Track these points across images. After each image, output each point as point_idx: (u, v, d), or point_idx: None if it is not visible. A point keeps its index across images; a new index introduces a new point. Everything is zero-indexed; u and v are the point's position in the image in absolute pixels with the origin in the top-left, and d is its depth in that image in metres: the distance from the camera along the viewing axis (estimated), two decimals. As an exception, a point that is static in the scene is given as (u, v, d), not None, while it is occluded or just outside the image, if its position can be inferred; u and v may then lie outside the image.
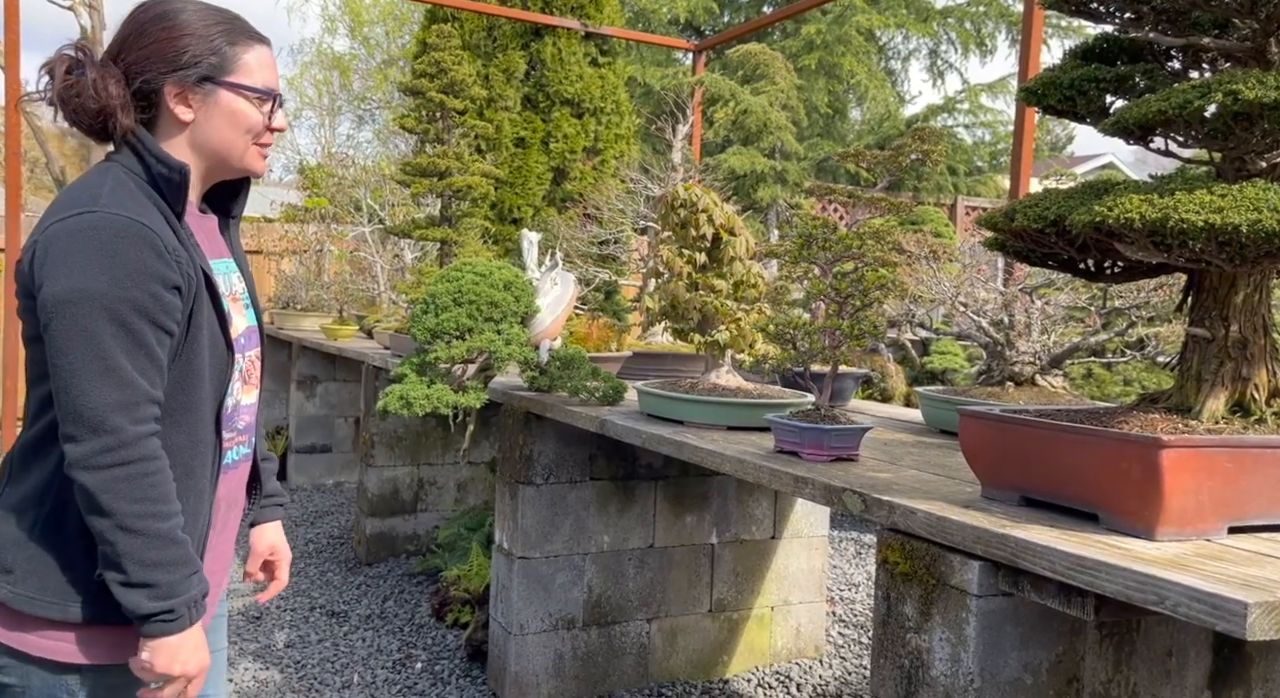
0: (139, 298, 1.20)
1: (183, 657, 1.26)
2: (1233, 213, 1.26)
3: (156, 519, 1.21)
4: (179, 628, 1.24)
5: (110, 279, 1.19)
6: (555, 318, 2.85)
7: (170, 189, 1.29)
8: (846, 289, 1.88)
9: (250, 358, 1.43)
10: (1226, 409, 1.52)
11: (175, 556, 1.23)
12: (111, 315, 1.19)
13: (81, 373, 1.18)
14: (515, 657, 2.92)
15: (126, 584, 1.21)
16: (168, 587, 1.22)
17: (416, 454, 4.63)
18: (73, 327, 1.18)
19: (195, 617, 1.26)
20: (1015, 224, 1.55)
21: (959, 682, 1.41)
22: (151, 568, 1.21)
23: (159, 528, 1.21)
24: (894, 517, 1.54)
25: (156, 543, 1.21)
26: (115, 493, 1.19)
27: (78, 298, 1.18)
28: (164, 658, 1.25)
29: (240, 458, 1.47)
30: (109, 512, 1.19)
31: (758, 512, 3.26)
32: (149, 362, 1.22)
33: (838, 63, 11.44)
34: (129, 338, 1.20)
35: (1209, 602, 1.08)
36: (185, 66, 1.30)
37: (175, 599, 1.23)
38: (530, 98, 9.13)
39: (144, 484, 1.20)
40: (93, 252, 1.19)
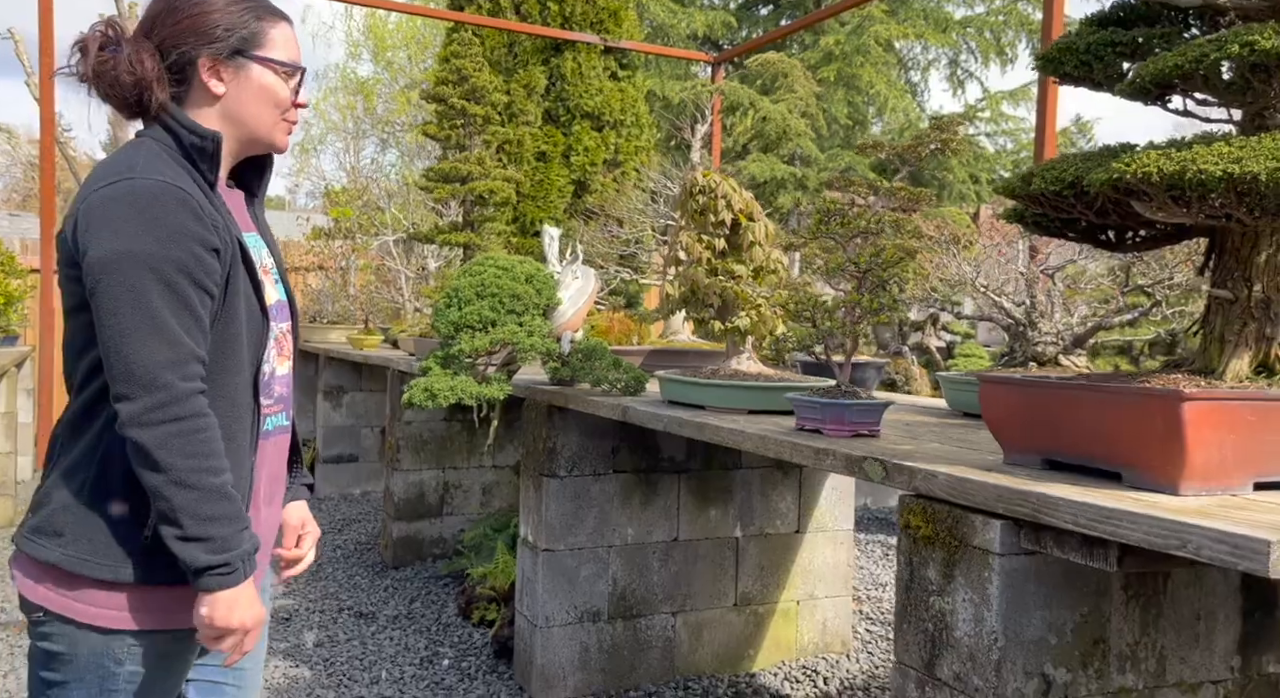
0: (182, 258, 1.23)
1: (240, 609, 1.28)
2: (1251, 162, 1.26)
3: (209, 474, 1.23)
4: (235, 581, 1.26)
5: (154, 240, 1.22)
6: (577, 310, 2.88)
7: (203, 158, 1.32)
8: (865, 263, 1.88)
9: (283, 329, 1.46)
10: (1251, 370, 1.51)
11: (228, 510, 1.25)
12: (157, 276, 1.22)
13: (131, 332, 1.21)
14: (541, 649, 2.93)
15: (183, 538, 1.23)
16: (222, 540, 1.24)
17: (442, 458, 4.66)
18: (120, 287, 1.21)
19: (249, 571, 1.28)
20: (1033, 188, 1.56)
21: (983, 642, 1.41)
22: (206, 522, 1.23)
23: (212, 483, 1.23)
24: (915, 481, 1.54)
25: (210, 497, 1.23)
26: (169, 449, 1.21)
27: (124, 259, 1.21)
28: (222, 611, 1.26)
29: (277, 428, 1.48)
30: (164, 467, 1.21)
31: (782, 506, 3.26)
32: (193, 322, 1.25)
33: (857, 74, 11.46)
34: (175, 298, 1.23)
35: (1231, 542, 1.08)
36: (218, 40, 1.34)
37: (230, 552, 1.25)
38: (551, 112, 9.24)
39: (196, 440, 1.22)
40: (134, 215, 1.22)
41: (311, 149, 21.28)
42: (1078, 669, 1.43)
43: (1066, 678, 1.43)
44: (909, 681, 1.55)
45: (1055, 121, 4.21)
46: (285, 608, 3.90)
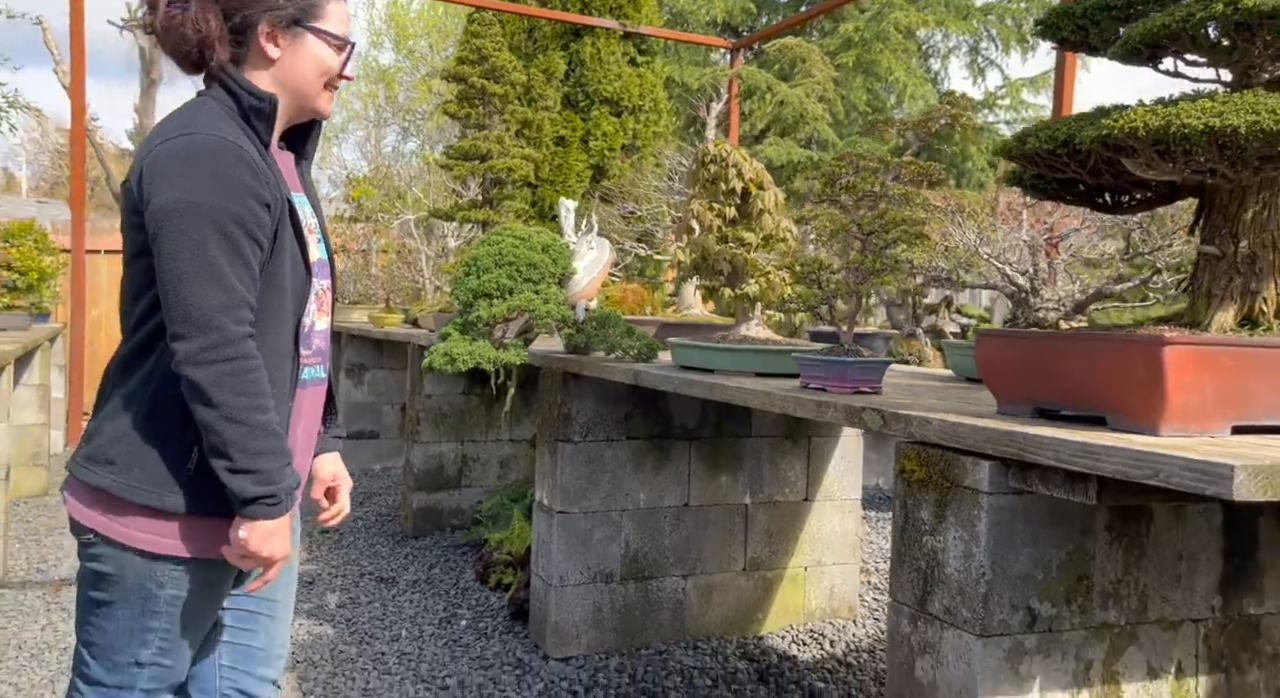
0: (239, 211, 1.32)
1: (273, 540, 1.37)
2: (1232, 116, 1.32)
3: (258, 412, 1.32)
4: (278, 512, 1.35)
5: (214, 193, 1.31)
6: (592, 279, 2.96)
7: (260, 118, 1.41)
8: (869, 225, 1.95)
9: (323, 286, 1.54)
10: (1235, 323, 1.57)
11: (275, 445, 1.34)
12: (216, 226, 1.31)
13: (190, 277, 1.30)
14: (556, 608, 3.03)
15: (233, 470, 1.32)
16: (269, 474, 1.33)
17: (460, 431, 4.77)
18: (181, 235, 1.30)
19: (289, 504, 1.38)
20: (1027, 147, 1.62)
21: (971, 576, 1.48)
22: (255, 456, 1.32)
23: (260, 420, 1.32)
24: (910, 427, 1.61)
25: (259, 433, 1.32)
26: (222, 387, 1.30)
27: (186, 209, 1.30)
28: (257, 538, 1.35)
29: (314, 379, 1.55)
30: (217, 404, 1.30)
31: (791, 474, 3.33)
32: (245, 271, 1.34)
33: (876, 60, 11.44)
34: (230, 247, 1.32)
35: (1199, 469, 1.15)
36: (279, 7, 1.42)
37: (276, 485, 1.34)
38: (570, 97, 9.31)
39: (246, 380, 1.31)
40: (196, 168, 1.32)
41: (333, 137, 21.46)
42: (1062, 604, 1.50)
43: (1051, 612, 1.50)
44: (902, 617, 1.63)
45: (1072, 107, 4.23)
46: (309, 573, 4.03)
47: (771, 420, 3.31)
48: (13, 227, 5.26)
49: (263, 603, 1.60)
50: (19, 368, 4.98)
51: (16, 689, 2.76)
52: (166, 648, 1.44)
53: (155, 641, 1.42)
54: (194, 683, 1.56)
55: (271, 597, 1.61)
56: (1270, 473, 1.12)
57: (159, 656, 1.44)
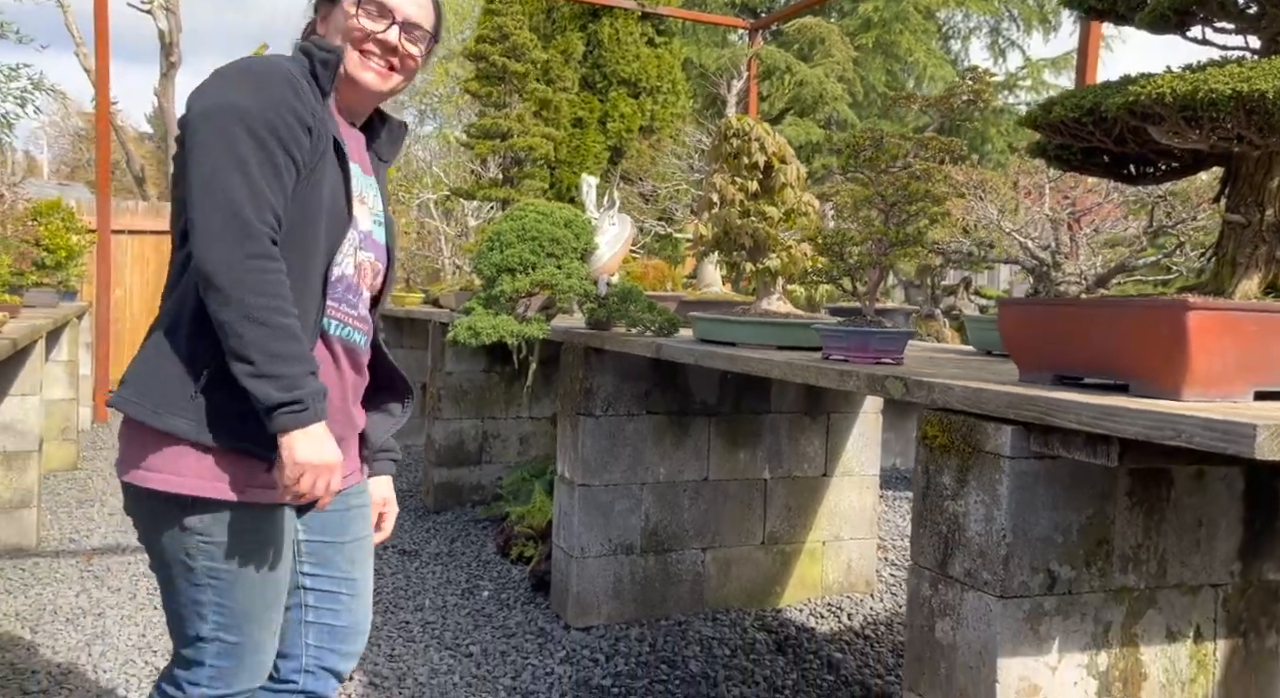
0: (275, 121, 1.32)
1: (319, 446, 1.31)
2: (1260, 81, 1.33)
3: (279, 314, 1.28)
4: (310, 418, 1.29)
5: (256, 101, 1.32)
6: (613, 254, 2.99)
7: (324, 68, 1.44)
8: (892, 197, 1.96)
9: (372, 262, 1.54)
10: (1260, 291, 1.58)
11: (297, 350, 1.29)
12: (249, 129, 1.30)
13: (220, 171, 1.28)
14: (577, 578, 3.07)
15: (256, 375, 1.27)
16: (292, 379, 1.28)
17: (481, 408, 4.82)
18: (215, 132, 1.30)
19: (321, 413, 1.32)
20: (1053, 116, 1.63)
21: (992, 539, 1.50)
22: (276, 360, 1.27)
23: (281, 321, 1.28)
24: (933, 395, 1.63)
25: (280, 335, 1.27)
26: (242, 283, 1.26)
27: (222, 110, 1.31)
28: (305, 449, 1.30)
29: (346, 340, 1.50)
30: (236, 301, 1.26)
31: (809, 450, 3.36)
32: (275, 179, 1.32)
33: (895, 41, 11.35)
34: (263, 153, 1.30)
35: (1220, 429, 1.16)
36: None
37: (301, 391, 1.28)
38: (588, 79, 9.30)
39: (268, 279, 1.28)
40: (242, 79, 1.34)
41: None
42: (1081, 567, 1.53)
43: (1071, 575, 1.52)
44: (923, 581, 1.65)
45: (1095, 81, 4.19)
46: (333, 545, 4.09)
47: (791, 397, 3.33)
48: (41, 205, 5.34)
49: (342, 582, 1.57)
50: (49, 344, 5.07)
51: (54, 652, 2.83)
52: (225, 623, 1.40)
53: (210, 615, 1.39)
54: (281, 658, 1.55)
55: (350, 575, 1.58)
56: (1292, 432, 1.13)
57: (219, 631, 1.40)
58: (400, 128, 1.62)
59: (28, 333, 3.41)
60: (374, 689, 2.64)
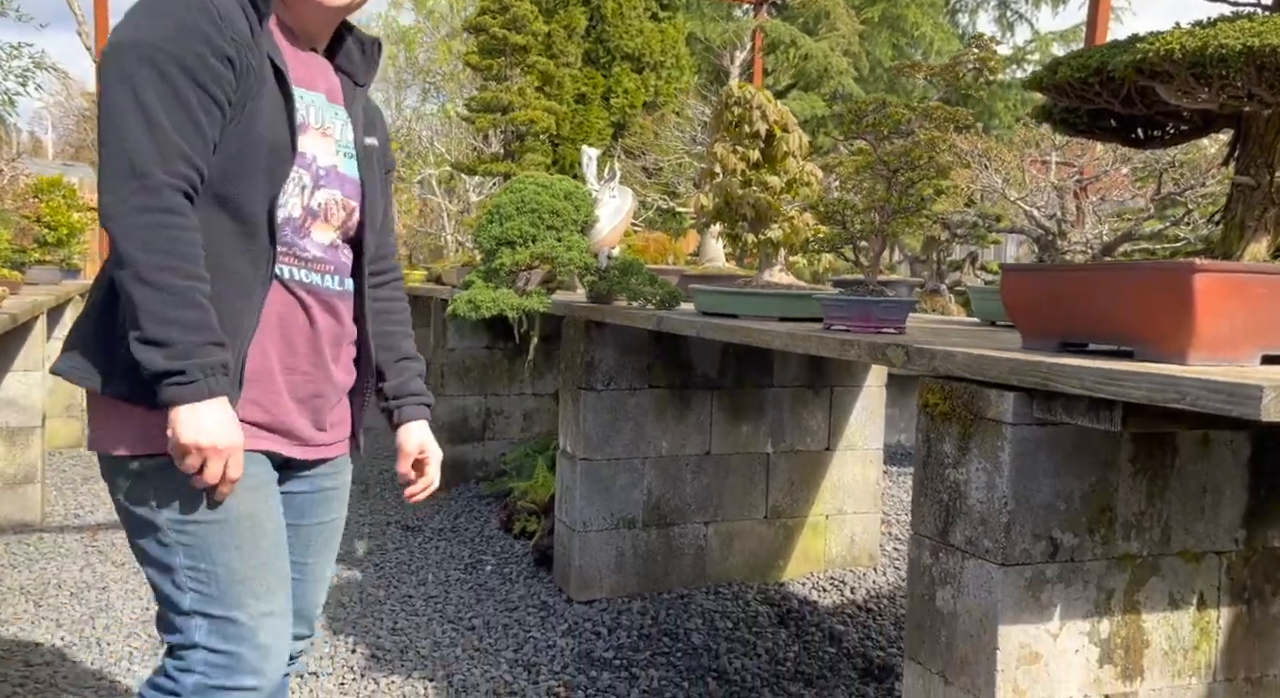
0: (182, 54, 1.19)
1: (208, 427, 1.17)
2: (1271, 35, 1.29)
3: (175, 275, 1.17)
4: (195, 394, 1.16)
5: (157, 34, 1.19)
6: (614, 227, 2.96)
7: None
8: (895, 163, 1.93)
9: (340, 200, 1.39)
10: (1269, 253, 1.55)
11: (193, 318, 1.17)
12: (153, 66, 1.18)
13: (118, 119, 1.17)
14: (579, 552, 3.07)
15: (143, 341, 1.16)
16: (183, 348, 1.16)
17: (484, 385, 4.81)
18: (115, 76, 1.18)
19: (216, 388, 1.18)
20: (1059, 77, 1.59)
21: (994, 507, 1.49)
22: (166, 325, 1.16)
23: (176, 284, 1.16)
24: (935, 362, 1.61)
25: (173, 301, 1.16)
26: (135, 241, 1.15)
27: (124, 49, 1.19)
28: (188, 428, 1.17)
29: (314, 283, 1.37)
30: (128, 261, 1.16)
31: (812, 424, 3.34)
32: (187, 121, 1.19)
33: (902, 15, 11.21)
34: (169, 91, 1.18)
35: (1225, 391, 1.14)
36: None
37: (189, 360, 1.16)
38: (591, 54, 9.22)
39: (165, 236, 1.16)
40: (151, 11, 1.22)
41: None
42: (1084, 534, 1.51)
43: (1073, 542, 1.51)
44: (924, 549, 1.64)
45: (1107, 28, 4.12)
46: (337, 520, 4.11)
47: (793, 371, 3.31)
48: (42, 181, 5.32)
49: (295, 567, 1.43)
50: (51, 321, 5.07)
51: (58, 625, 2.85)
52: (205, 592, 1.26)
53: (188, 583, 1.26)
54: None
55: (303, 560, 1.47)
56: (1299, 393, 1.11)
57: (200, 603, 1.26)
58: (373, 45, 1.47)
59: (29, 308, 3.40)
60: (376, 662, 2.65)
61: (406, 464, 1.54)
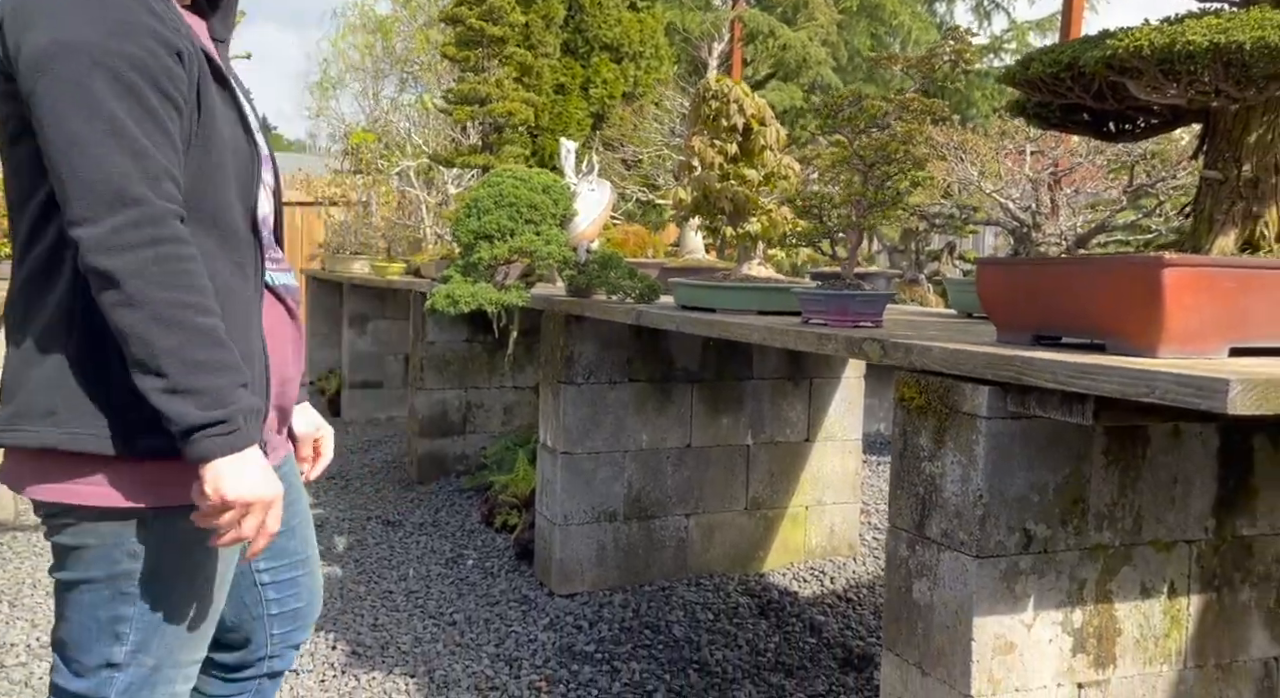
0: (137, 54, 1.02)
1: (252, 477, 1.06)
2: (1237, 32, 1.31)
3: (197, 313, 1.03)
4: (240, 442, 1.05)
5: (101, 31, 1.01)
6: (593, 220, 2.95)
7: None
8: (871, 158, 1.94)
9: (270, 184, 1.28)
10: (1236, 247, 1.57)
11: (222, 358, 1.05)
12: (108, 72, 1.01)
13: (86, 140, 1.00)
14: (560, 546, 3.08)
15: (170, 391, 1.02)
16: (217, 394, 1.03)
17: (464, 378, 4.80)
18: (65, 87, 0.99)
19: (253, 435, 1.08)
20: (1031, 72, 1.60)
21: (969, 500, 1.50)
22: (196, 371, 1.02)
23: (201, 323, 1.03)
24: (910, 357, 1.62)
25: (199, 340, 1.03)
26: (147, 278, 1.00)
27: (66, 53, 1.00)
28: (231, 481, 1.05)
29: (286, 288, 1.31)
30: (141, 301, 1.00)
31: (792, 415, 3.36)
32: (160, 133, 1.04)
33: (880, 4, 11.23)
34: (134, 101, 1.02)
35: (1194, 384, 1.16)
36: None
37: (229, 407, 1.04)
38: (569, 44, 9.16)
39: (179, 269, 1.02)
40: (69, 3, 1.02)
41: (330, 90, 21.16)
42: (1057, 526, 1.53)
43: (1047, 533, 1.53)
44: (901, 542, 1.66)
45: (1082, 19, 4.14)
46: (315, 517, 4.09)
47: (773, 363, 3.32)
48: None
49: (299, 565, 1.43)
50: None
51: (33, 625, 2.82)
52: (145, 642, 1.15)
53: (129, 634, 1.14)
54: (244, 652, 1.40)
55: (303, 554, 1.44)
56: (1266, 387, 1.13)
57: (137, 653, 1.15)
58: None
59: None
60: (356, 659, 2.65)
61: (307, 447, 1.48)
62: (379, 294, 6.37)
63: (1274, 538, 1.67)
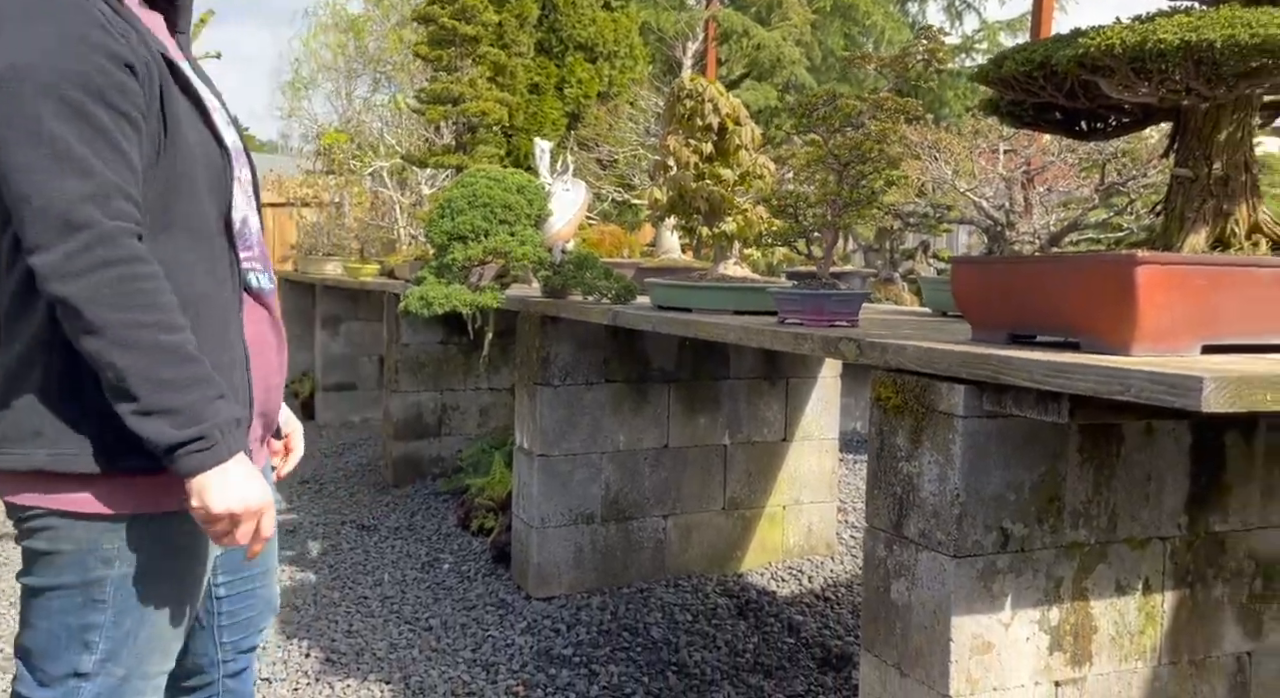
0: (82, 71, 1.01)
1: (237, 488, 1.07)
2: (1208, 30, 1.31)
3: (160, 330, 1.03)
4: (217, 457, 1.06)
5: (44, 51, 1.00)
6: (568, 221, 2.93)
7: None
8: (845, 157, 1.94)
9: (244, 179, 1.26)
10: (1207, 245, 1.58)
11: (193, 373, 1.05)
12: (52, 94, 1.00)
13: (33, 166, 0.99)
14: (537, 549, 3.05)
15: (143, 413, 1.03)
16: (189, 410, 1.04)
17: (439, 380, 4.75)
18: (7, 114, 0.99)
19: (235, 446, 1.08)
20: (1004, 71, 1.60)
21: (946, 499, 1.50)
22: (166, 389, 1.03)
23: (165, 340, 1.03)
24: (887, 356, 1.62)
25: (165, 358, 1.03)
26: (102, 302, 1.00)
27: (7, 77, 0.99)
28: (216, 495, 1.06)
29: (263, 289, 1.29)
30: (100, 326, 1.01)
31: (769, 414, 3.36)
32: (110, 150, 1.03)
33: (854, 4, 11.29)
34: (81, 121, 1.01)
35: (1168, 382, 1.16)
36: None
37: (204, 424, 1.04)
38: (544, 43, 9.12)
39: (134, 289, 1.02)
40: (17, 19, 1.01)
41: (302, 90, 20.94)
42: (1034, 524, 1.53)
43: (1023, 532, 1.53)
44: (878, 542, 1.65)
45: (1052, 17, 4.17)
46: (289, 522, 4.03)
47: (749, 363, 3.32)
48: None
49: (256, 577, 1.41)
50: None
51: (5, 635, 2.76)
52: (115, 651, 1.14)
53: (99, 642, 1.13)
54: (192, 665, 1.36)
55: (264, 566, 1.41)
56: (1239, 385, 1.13)
57: (106, 662, 1.14)
58: None
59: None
60: (331, 666, 2.61)
61: (277, 443, 1.46)
62: (352, 295, 6.30)
63: (1246, 534, 1.68)
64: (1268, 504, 1.69)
